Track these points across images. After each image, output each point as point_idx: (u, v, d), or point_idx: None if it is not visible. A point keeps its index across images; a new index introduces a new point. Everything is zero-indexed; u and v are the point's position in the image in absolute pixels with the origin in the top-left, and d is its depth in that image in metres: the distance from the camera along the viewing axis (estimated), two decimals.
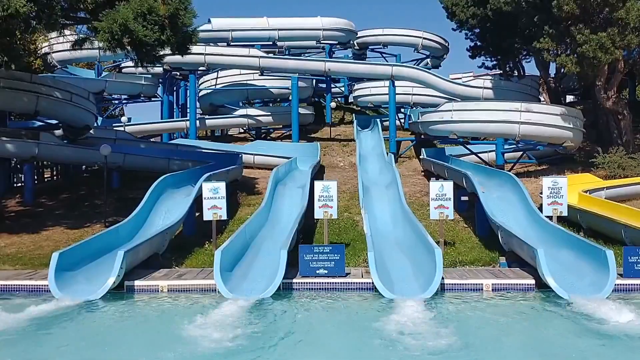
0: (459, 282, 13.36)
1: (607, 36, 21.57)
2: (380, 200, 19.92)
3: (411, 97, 35.32)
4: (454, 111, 24.76)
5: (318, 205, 15.91)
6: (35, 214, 20.55)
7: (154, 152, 24.92)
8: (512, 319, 11.10)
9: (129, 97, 39.21)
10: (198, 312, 11.12)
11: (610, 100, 25.21)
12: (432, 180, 16.97)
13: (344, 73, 34.62)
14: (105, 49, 17.37)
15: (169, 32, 17.33)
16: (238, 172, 23.30)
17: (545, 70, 31.47)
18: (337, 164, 28.85)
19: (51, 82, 23.35)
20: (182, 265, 15.40)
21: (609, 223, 16.31)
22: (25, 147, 20.98)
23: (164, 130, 36.70)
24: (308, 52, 41.44)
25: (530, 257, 13.45)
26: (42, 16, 16.18)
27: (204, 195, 16.47)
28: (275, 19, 36.55)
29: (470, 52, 33.43)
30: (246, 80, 35.42)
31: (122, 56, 27.33)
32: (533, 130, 23.29)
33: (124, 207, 19.27)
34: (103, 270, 13.12)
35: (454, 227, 18.41)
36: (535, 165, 26.94)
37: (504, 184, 19.07)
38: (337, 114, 40.16)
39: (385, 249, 15.34)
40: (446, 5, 32.36)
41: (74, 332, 10.51)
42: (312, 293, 13.06)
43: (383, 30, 41.63)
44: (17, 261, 15.97)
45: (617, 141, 25.57)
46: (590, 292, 12.03)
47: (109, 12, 16.61)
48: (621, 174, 22.59)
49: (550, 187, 16.35)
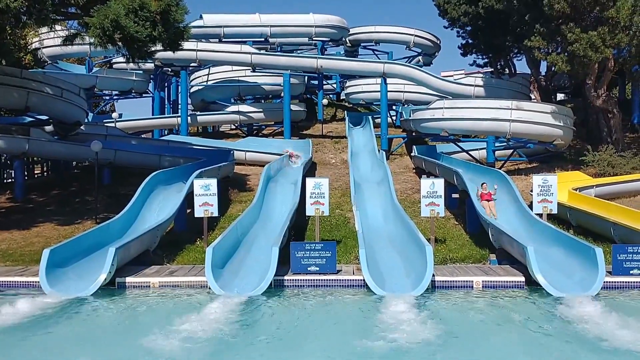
0: (449, 279, 13.45)
1: (597, 35, 21.71)
2: (371, 197, 19.97)
3: (403, 94, 35.39)
4: (445, 109, 24.84)
5: (310, 202, 15.94)
6: (25, 210, 20.45)
7: (145, 149, 24.86)
8: (501, 316, 11.19)
9: (120, 93, 39.06)
10: (189, 309, 11.14)
11: (601, 99, 25.38)
12: (423, 177, 17.03)
13: (336, 70, 34.61)
14: (96, 44, 17.27)
15: (160, 28, 17.28)
16: (230, 168, 23.28)
17: (536, 69, 31.62)
18: (329, 161, 28.88)
19: (42, 77, 23.24)
20: (174, 262, 15.41)
21: (599, 221, 16.45)
22: (15, 143, 20.89)
23: (155, 126, 36.58)
24: (300, 49, 41.41)
25: (520, 254, 13.55)
26: (32, 11, 16.09)
27: (195, 192, 16.48)
28: (267, 16, 36.48)
29: (461, 49, 33.54)
30: (238, 77, 35.34)
31: (113, 52, 27.09)
32: (524, 128, 23.41)
33: (115, 204, 19.23)
34: (94, 267, 13.11)
35: (444, 225, 18.51)
36: (525, 163, 27.09)
37: (494, 181, 19.16)
38: (329, 110, 40.17)
39: (376, 246, 15.40)
40: (438, 3, 32.44)
41: (64, 328, 10.51)
42: (303, 290, 13.11)
43: (375, 28, 41.65)
44: (7, 257, 15.91)
45: (607, 139, 25.76)
46: (580, 290, 12.16)
47: (100, 7, 16.55)
48: (611, 172, 22.76)
49: (541, 185, 16.46)
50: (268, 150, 27.59)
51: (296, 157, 26.27)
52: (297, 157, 26.39)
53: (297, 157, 26.27)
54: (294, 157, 26.32)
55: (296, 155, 26.48)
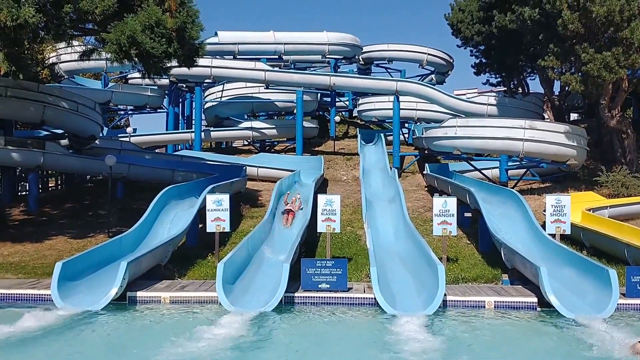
0: (461, 299, 13.34)
1: (611, 55, 21.67)
2: (383, 214, 19.93)
3: (415, 112, 35.44)
4: (458, 127, 24.82)
5: (321, 218, 15.93)
6: (39, 223, 20.60)
7: (158, 163, 25.03)
8: (513, 337, 11.07)
9: (134, 108, 39.40)
10: (200, 324, 11.12)
11: (615, 119, 25.25)
12: (436, 195, 16.98)
13: (348, 87, 34.78)
14: (112, 60, 17.52)
15: (176, 44, 17.49)
16: (242, 184, 23.36)
17: (550, 88, 31.56)
18: (341, 178, 28.90)
19: (58, 92, 23.51)
20: (185, 277, 15.42)
21: (612, 242, 16.28)
22: (30, 156, 21.10)
23: (169, 141, 36.85)
24: (313, 67, 41.67)
25: (532, 275, 13.43)
26: (50, 27, 16.36)
27: (208, 207, 16.53)
28: (281, 33, 36.80)
29: (474, 68, 33.63)
30: (251, 93, 35.59)
31: (129, 67, 27.52)
32: (537, 147, 23.33)
33: (127, 218, 19.32)
34: (106, 281, 13.14)
35: (456, 243, 18.41)
36: (538, 183, 26.94)
37: (507, 201, 19.08)
38: (341, 127, 40.28)
39: (387, 264, 15.33)
40: (451, 22, 32.62)
41: (74, 341, 10.50)
42: (313, 307, 13.05)
43: (388, 46, 41.87)
44: (20, 270, 16.00)
45: (621, 160, 25.58)
46: (593, 312, 12.00)
47: (117, 24, 16.77)
48: (625, 192, 22.58)
49: (554, 205, 16.33)
50: (280, 167, 27.67)
51: (291, 214, 19.47)
52: (291, 213, 19.52)
53: (292, 214, 19.49)
54: (291, 212, 19.53)
55: (293, 209, 19.68)
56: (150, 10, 16.72)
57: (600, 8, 21.26)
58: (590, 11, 21.53)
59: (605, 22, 21.71)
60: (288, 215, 19.29)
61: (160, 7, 17.11)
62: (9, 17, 14.79)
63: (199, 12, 18.31)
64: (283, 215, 19.31)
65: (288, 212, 19.38)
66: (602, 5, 21.27)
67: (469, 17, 31.54)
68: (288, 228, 18.69)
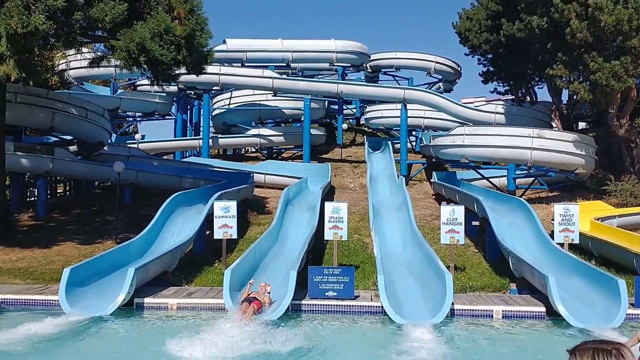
0: (469, 307, 13.28)
1: (620, 64, 21.62)
2: (390, 222, 19.89)
3: (423, 120, 35.43)
4: (466, 135, 24.79)
5: (328, 226, 15.92)
6: (47, 229, 20.68)
7: (166, 170, 25.12)
8: (521, 347, 11.00)
9: (143, 115, 39.61)
10: (206, 331, 11.10)
11: (623, 128, 25.16)
12: (443, 204, 16.94)
13: (356, 95, 34.83)
14: (122, 67, 17.65)
15: (185, 52, 17.59)
16: (249, 191, 23.40)
17: (558, 97, 31.50)
18: (348, 185, 28.89)
19: (67, 98, 23.68)
20: (192, 284, 15.42)
21: (621, 251, 16.19)
22: (39, 162, 21.23)
23: (177, 148, 36.97)
24: (321, 74, 41.76)
25: (541, 284, 13.36)
26: (60, 34, 16.47)
27: (215, 214, 16.56)
28: (289, 41, 36.91)
29: (482, 77, 33.61)
30: (259, 101, 35.70)
31: (137, 74, 27.65)
32: (545, 156, 23.26)
33: (135, 224, 19.38)
34: (113, 287, 13.16)
35: (464, 252, 18.34)
36: (546, 192, 26.84)
37: (515, 209, 19.02)
38: (348, 135, 40.32)
39: (395, 272, 15.29)
40: (459, 31, 32.64)
41: (82, 347, 10.53)
42: (320, 315, 13.02)
43: (396, 54, 41.92)
44: (28, 275, 16.05)
45: (630, 169, 25.46)
46: (601, 322, 11.92)
47: (126, 31, 16.89)
48: (633, 202, 22.46)
49: (562, 214, 16.26)
50: (287, 174, 27.70)
51: (257, 303, 12.12)
52: (257, 302, 12.15)
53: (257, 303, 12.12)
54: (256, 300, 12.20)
55: (260, 298, 12.42)
56: (160, 17, 16.83)
57: (609, 17, 21.22)
58: (598, 20, 21.50)
59: (614, 31, 21.68)
60: (252, 304, 12.02)
61: (169, 15, 17.24)
62: (20, 24, 14.91)
63: (207, 20, 18.43)
64: (241, 304, 12.09)
65: (252, 301, 12.15)
66: (610, 14, 21.24)
67: (477, 26, 31.58)
68: (248, 321, 11.48)
